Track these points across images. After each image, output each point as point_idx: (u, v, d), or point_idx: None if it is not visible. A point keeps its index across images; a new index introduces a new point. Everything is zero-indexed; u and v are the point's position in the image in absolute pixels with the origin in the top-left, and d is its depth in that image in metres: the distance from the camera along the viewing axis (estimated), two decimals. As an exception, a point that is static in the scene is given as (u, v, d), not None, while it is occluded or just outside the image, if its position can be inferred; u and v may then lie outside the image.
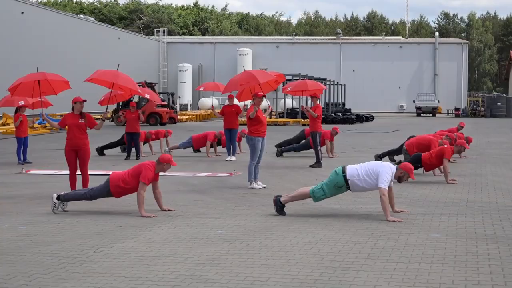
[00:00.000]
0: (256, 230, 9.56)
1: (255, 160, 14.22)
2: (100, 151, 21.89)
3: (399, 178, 10.68)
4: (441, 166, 14.97)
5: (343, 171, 10.61)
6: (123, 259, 7.87)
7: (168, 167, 10.90)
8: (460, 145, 15.72)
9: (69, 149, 12.77)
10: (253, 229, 9.64)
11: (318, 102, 19.03)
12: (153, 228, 9.69)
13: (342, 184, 10.59)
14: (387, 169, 10.45)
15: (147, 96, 21.31)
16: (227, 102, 21.06)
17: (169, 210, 11.09)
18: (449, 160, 15.11)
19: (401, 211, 10.88)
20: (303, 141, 22.06)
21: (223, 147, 21.89)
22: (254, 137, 14.26)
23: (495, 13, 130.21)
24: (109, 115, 13.37)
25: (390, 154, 19.26)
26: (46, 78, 14.37)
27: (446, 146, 15.22)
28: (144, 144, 22.26)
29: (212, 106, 24.20)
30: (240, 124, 21.36)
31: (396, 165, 10.78)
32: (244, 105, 18.89)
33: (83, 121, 12.79)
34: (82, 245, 8.60)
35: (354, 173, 10.53)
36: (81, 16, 72.25)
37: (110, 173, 16.51)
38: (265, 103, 16.16)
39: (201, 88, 30.67)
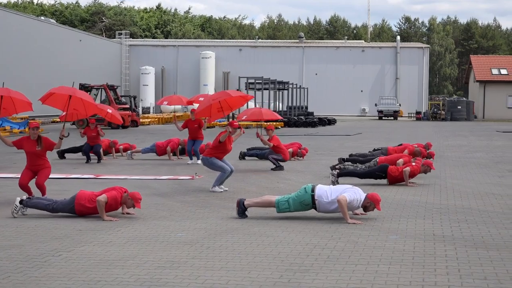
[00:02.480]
0: (216, 233, 9.57)
1: (226, 170, 14.06)
2: (61, 154, 21.66)
3: (365, 207, 10.64)
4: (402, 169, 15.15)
5: (312, 190, 10.62)
6: (82, 262, 7.82)
7: (131, 204, 10.78)
8: (426, 165, 15.70)
9: (27, 169, 12.56)
10: (213, 232, 9.65)
11: (273, 134, 19.23)
12: (113, 232, 9.64)
13: (308, 203, 10.59)
14: (356, 191, 10.49)
15: (109, 110, 20.65)
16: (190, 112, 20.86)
17: (128, 213, 11.04)
18: (411, 177, 15.07)
19: (361, 214, 10.96)
20: (266, 151, 21.96)
21: (186, 155, 21.62)
22: (210, 157, 14.13)
23: (455, 17, 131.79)
24: (65, 133, 12.98)
25: (354, 162, 19.13)
26: (10, 95, 13.71)
27: (414, 164, 15.34)
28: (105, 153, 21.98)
29: (175, 119, 23.26)
30: (208, 127, 21.27)
31: (365, 194, 10.73)
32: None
33: (39, 149, 12.39)
34: (41, 249, 8.53)
35: (323, 194, 10.52)
36: (42, 18, 71.49)
37: (70, 176, 16.43)
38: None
39: (165, 103, 29.79)
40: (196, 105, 22.51)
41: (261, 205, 10.94)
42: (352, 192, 10.46)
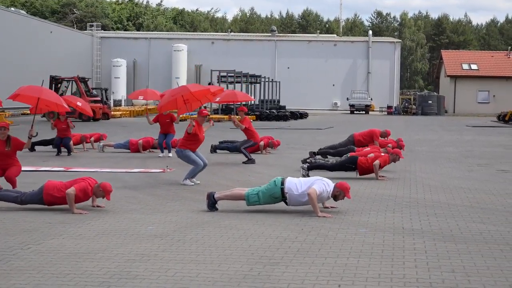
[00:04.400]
0: (187, 226, 9.56)
1: (199, 164, 14.05)
2: (31, 146, 21.45)
3: (335, 196, 10.67)
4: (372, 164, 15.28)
5: (282, 183, 10.64)
6: (51, 256, 7.77)
7: (102, 195, 10.74)
8: (395, 154, 15.86)
9: None
10: (184, 225, 9.64)
11: (245, 115, 19.28)
12: (83, 225, 9.59)
13: (278, 196, 10.60)
14: (324, 183, 10.53)
15: (78, 103, 20.40)
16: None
17: (98, 206, 10.99)
18: (381, 167, 15.22)
19: (331, 207, 11.01)
20: (237, 143, 21.93)
21: (158, 148, 21.49)
22: (184, 149, 14.13)
23: (427, 12, 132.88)
24: (34, 133, 12.92)
25: (325, 154, 19.27)
26: None
27: (383, 155, 15.48)
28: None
29: (147, 112, 23.14)
30: (181, 120, 21.23)
31: (333, 184, 10.79)
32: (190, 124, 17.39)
33: (8, 149, 12.24)
34: (9, 242, 8.46)
35: (293, 187, 10.52)
36: (12, 9, 70.75)
37: (40, 169, 16.31)
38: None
39: (140, 97, 29.10)
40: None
41: (231, 198, 10.95)
42: (321, 183, 10.51)
